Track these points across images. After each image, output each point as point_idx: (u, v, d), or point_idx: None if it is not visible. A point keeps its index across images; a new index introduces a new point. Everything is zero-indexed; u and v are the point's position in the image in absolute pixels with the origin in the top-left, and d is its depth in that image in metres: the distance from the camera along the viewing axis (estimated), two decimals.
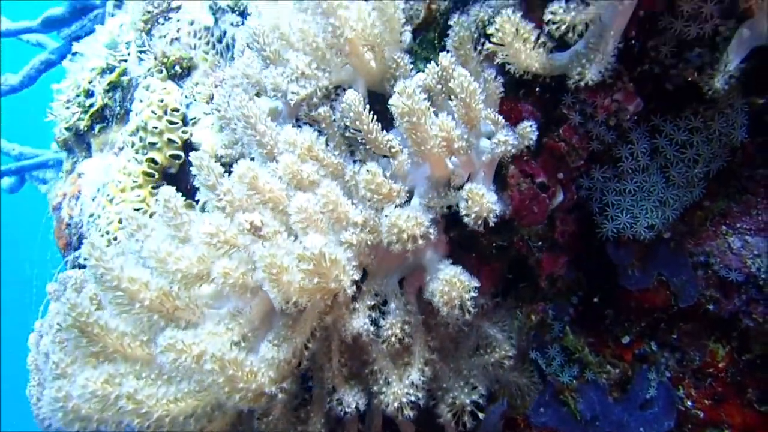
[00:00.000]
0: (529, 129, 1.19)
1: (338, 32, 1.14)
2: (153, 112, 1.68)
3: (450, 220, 1.41)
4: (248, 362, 1.00)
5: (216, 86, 1.61)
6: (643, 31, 1.40)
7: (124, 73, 2.12)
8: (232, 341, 1.07)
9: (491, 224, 1.16)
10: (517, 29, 1.11)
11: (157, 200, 1.74)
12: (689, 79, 1.49)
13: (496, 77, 1.24)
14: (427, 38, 1.43)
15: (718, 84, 1.28)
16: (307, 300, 1.04)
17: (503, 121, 1.23)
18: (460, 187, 1.30)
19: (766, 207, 1.73)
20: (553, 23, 1.11)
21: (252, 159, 1.35)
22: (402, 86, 1.08)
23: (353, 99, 1.14)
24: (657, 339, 1.88)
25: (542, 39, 1.18)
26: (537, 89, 1.42)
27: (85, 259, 1.01)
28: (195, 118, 1.71)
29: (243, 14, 1.67)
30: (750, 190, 1.74)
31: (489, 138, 1.29)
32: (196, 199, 1.69)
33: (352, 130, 1.19)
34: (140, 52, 1.93)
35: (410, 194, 1.32)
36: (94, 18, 3.26)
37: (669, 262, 1.75)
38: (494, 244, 1.52)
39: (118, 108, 2.16)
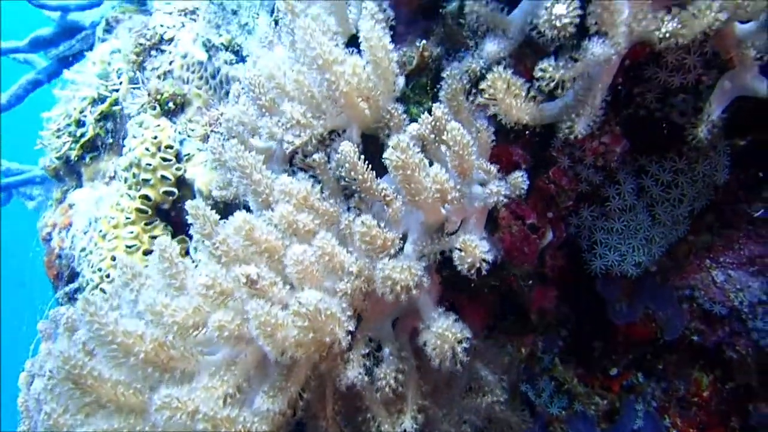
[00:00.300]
0: (520, 180, 1.22)
1: (334, 87, 1.16)
2: (147, 149, 1.68)
3: (442, 259, 1.43)
4: (241, 418, 1.01)
5: (210, 125, 1.62)
6: (629, 79, 1.44)
7: (115, 102, 2.12)
8: (227, 394, 1.07)
9: (484, 272, 1.18)
10: (508, 85, 1.14)
11: (150, 237, 1.75)
12: (674, 121, 1.54)
13: (487, 127, 1.26)
14: (420, 83, 1.46)
15: (702, 134, 1.32)
16: (302, 353, 1.05)
17: (495, 170, 1.25)
18: (454, 232, 1.33)
19: (748, 242, 1.78)
20: (543, 80, 1.14)
21: (246, 203, 1.36)
22: (396, 141, 1.10)
23: (348, 151, 1.16)
24: (644, 370, 1.92)
25: (532, 93, 1.21)
26: (527, 132, 1.45)
27: (80, 315, 1.01)
28: (189, 154, 1.72)
29: (237, 53, 1.69)
30: (733, 225, 1.79)
31: (481, 184, 1.31)
32: (189, 233, 1.69)
33: (347, 179, 1.21)
34: (133, 87, 1.93)
35: (404, 237, 1.34)
36: (82, 39, 3.25)
37: (655, 296, 1.79)
38: (486, 284, 1.54)
39: (110, 137, 2.16)
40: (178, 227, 1.79)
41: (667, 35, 1.04)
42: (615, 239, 1.63)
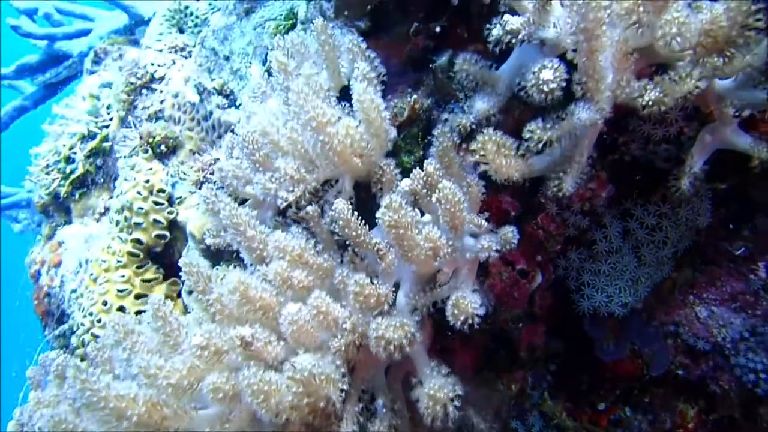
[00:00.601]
0: (510, 235, 1.25)
1: (327, 147, 1.18)
2: (138, 193, 1.69)
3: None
4: None
5: (203, 170, 1.63)
6: (614, 129, 1.48)
7: (105, 139, 2.12)
8: None
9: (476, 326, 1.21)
10: (498, 145, 1.17)
11: (142, 280, 1.75)
12: (658, 166, 1.59)
13: (477, 181, 1.29)
14: (411, 133, 1.49)
15: (685, 186, 1.36)
16: (296, 415, 1.06)
17: (486, 224, 1.28)
18: (446, 283, 1.36)
19: (730, 278, 1.83)
20: (531, 141, 1.18)
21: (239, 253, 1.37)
22: (388, 201, 1.13)
23: (342, 209, 1.18)
24: (631, 404, 1.95)
25: (521, 151, 1.24)
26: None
27: (71, 382, 1.01)
28: (181, 197, 1.73)
29: (229, 96, 1.70)
30: (715, 262, 1.83)
31: (473, 234, 1.34)
32: (181, 278, 1.70)
33: (341, 234, 1.23)
34: (125, 128, 1.94)
35: (397, 285, 1.36)
36: (69, 66, 3.24)
37: (641, 333, 1.83)
38: (478, 329, 1.56)
39: (100, 173, 2.16)
40: (170, 269, 1.79)
41: (650, 103, 1.08)
42: (602, 281, 1.67)
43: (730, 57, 1.12)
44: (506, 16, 1.16)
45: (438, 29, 1.54)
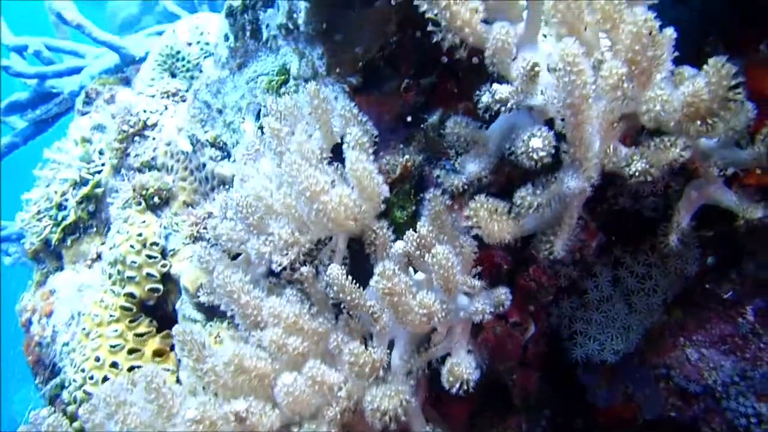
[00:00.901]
0: (503, 297, 1.26)
1: (322, 214, 1.19)
2: (132, 246, 1.69)
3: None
4: None
5: (196, 224, 1.63)
6: (602, 183, 1.51)
7: (98, 185, 2.12)
8: None
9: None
10: (490, 212, 1.19)
11: (135, 334, 1.74)
12: (647, 216, 1.62)
13: (470, 242, 1.31)
14: (404, 189, 1.51)
15: (673, 242, 1.39)
16: None
17: (479, 285, 1.30)
18: (440, 342, 1.37)
19: (719, 321, 1.85)
20: (522, 207, 1.20)
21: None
22: (382, 269, 1.14)
23: (336, 275, 1.19)
24: None
25: (512, 213, 1.26)
26: None
27: None
28: (174, 249, 1.73)
29: (222, 149, 1.72)
30: (703, 305, 1.86)
31: (467, 294, 1.35)
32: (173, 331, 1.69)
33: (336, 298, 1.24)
34: (117, 174, 1.94)
35: (391, 343, 1.37)
36: (60, 102, 3.24)
37: (634, 377, 1.84)
38: None
39: (92, 219, 2.15)
40: (164, 320, 1.79)
41: (637, 174, 1.11)
42: (594, 329, 1.69)
43: (712, 125, 1.16)
44: (495, 85, 1.19)
45: (428, 85, 1.57)
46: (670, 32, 1.24)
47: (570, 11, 1.11)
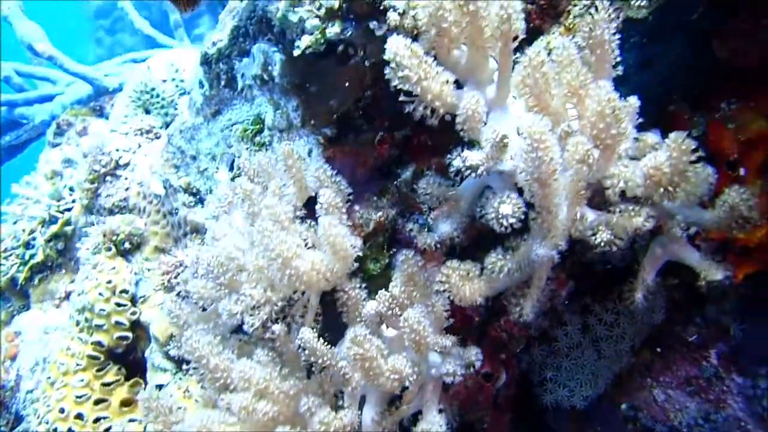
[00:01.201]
0: (473, 357, 1.29)
1: (294, 278, 1.19)
2: (100, 294, 1.66)
3: None
4: None
5: (167, 273, 1.62)
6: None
7: (67, 223, 2.08)
8: None
9: None
10: (461, 276, 1.21)
11: (102, 384, 1.70)
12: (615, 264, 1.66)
13: (442, 301, 1.32)
14: (377, 242, 1.52)
15: (639, 299, 1.42)
16: None
17: (451, 344, 1.31)
18: (411, 401, 1.37)
19: (684, 363, 1.90)
20: (493, 271, 1.22)
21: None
22: (354, 335, 1.15)
23: (308, 338, 1.19)
24: None
25: (484, 274, 1.28)
26: None
27: None
28: (144, 295, 1.70)
29: (196, 195, 1.70)
30: (670, 347, 1.91)
31: (438, 351, 1.37)
32: (144, 376, 1.67)
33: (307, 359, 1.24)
34: (88, 214, 1.91)
35: (362, 399, 1.37)
36: (30, 129, 3.18)
37: (602, 419, 1.88)
38: None
39: (61, 258, 2.11)
40: (133, 367, 1.76)
41: (602, 244, 1.14)
42: (564, 376, 1.72)
43: (673, 193, 1.20)
44: (465, 152, 1.21)
45: (403, 138, 1.59)
46: (633, 100, 1.28)
47: (537, 85, 1.14)
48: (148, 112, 2.24)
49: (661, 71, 1.44)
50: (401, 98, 1.19)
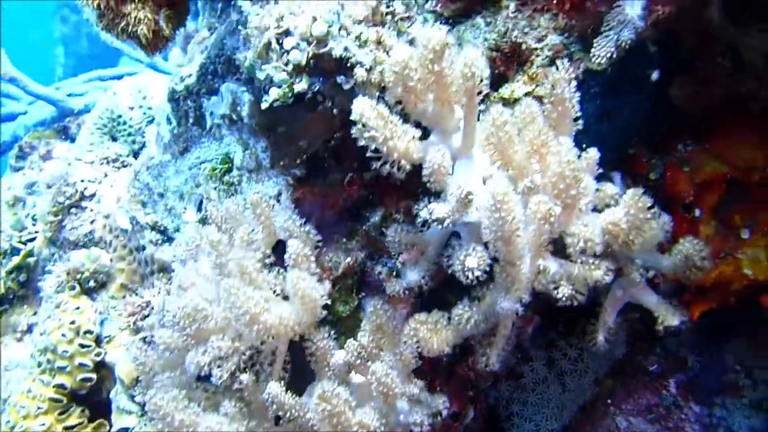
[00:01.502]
0: (441, 406, 1.31)
1: (263, 333, 1.19)
2: (63, 335, 1.62)
3: None
4: None
5: (133, 314, 1.59)
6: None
7: (30, 254, 2.03)
8: None
9: None
10: (429, 329, 1.23)
11: (65, 428, 1.67)
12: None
13: (410, 349, 1.34)
14: (346, 285, 1.53)
15: (600, 342, 1.47)
16: None
17: (418, 391, 1.33)
18: None
19: (645, 391, 1.96)
20: (460, 324, 1.24)
21: None
22: (321, 391, 1.16)
23: (275, 392, 1.20)
24: None
25: (452, 324, 1.30)
26: None
27: None
28: (110, 335, 1.67)
29: (163, 232, 1.68)
30: (631, 375, 1.97)
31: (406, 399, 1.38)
32: (108, 417, 1.64)
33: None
34: (52, 246, 1.87)
35: None
36: None
37: None
38: None
39: (23, 290, 2.06)
40: (98, 407, 1.72)
41: (564, 299, 1.18)
42: (530, 410, 1.76)
43: (630, 246, 1.24)
44: (432, 205, 1.23)
45: (372, 178, 1.60)
46: (593, 153, 1.32)
47: (501, 143, 1.17)
48: (114, 139, 2.20)
49: (621, 120, 1.49)
50: (368, 154, 1.20)
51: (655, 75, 1.39)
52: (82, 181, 2.01)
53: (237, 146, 1.60)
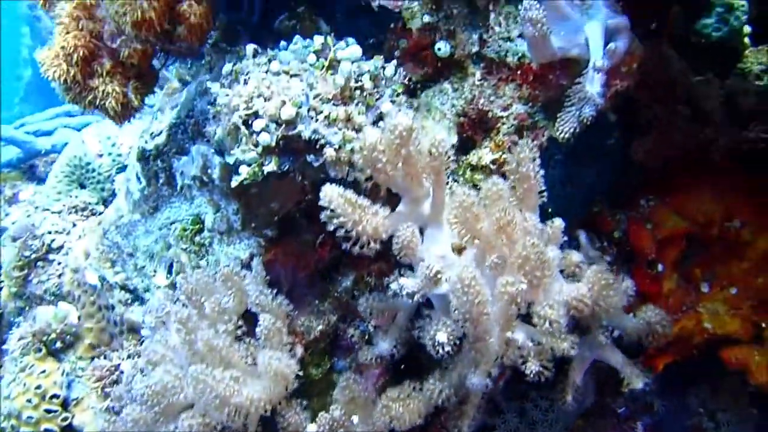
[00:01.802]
0: None
1: (233, 414, 1.19)
2: (29, 400, 1.59)
3: None
4: None
5: (101, 379, 1.57)
6: None
7: None
8: None
9: None
10: (402, 402, 1.25)
11: None
12: None
13: (383, 420, 1.35)
14: (319, 348, 1.54)
15: (569, 401, 1.50)
16: None
17: None
18: None
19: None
20: (430, 395, 1.26)
21: None
22: None
23: None
24: None
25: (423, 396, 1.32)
26: None
27: None
28: (77, 398, 1.64)
29: (133, 292, 1.67)
30: (599, 415, 2.01)
31: None
32: None
33: None
34: (17, 299, 1.82)
35: None
36: None
37: None
38: None
39: None
40: None
41: (532, 375, 1.21)
42: None
43: (596, 317, 1.28)
44: (402, 280, 1.25)
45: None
46: (558, 223, 1.37)
47: (468, 221, 1.19)
48: (83, 186, 2.17)
49: (585, 183, 1.54)
50: (337, 235, 1.21)
51: (614, 144, 1.44)
52: (50, 233, 1.97)
53: (208, 207, 1.60)
